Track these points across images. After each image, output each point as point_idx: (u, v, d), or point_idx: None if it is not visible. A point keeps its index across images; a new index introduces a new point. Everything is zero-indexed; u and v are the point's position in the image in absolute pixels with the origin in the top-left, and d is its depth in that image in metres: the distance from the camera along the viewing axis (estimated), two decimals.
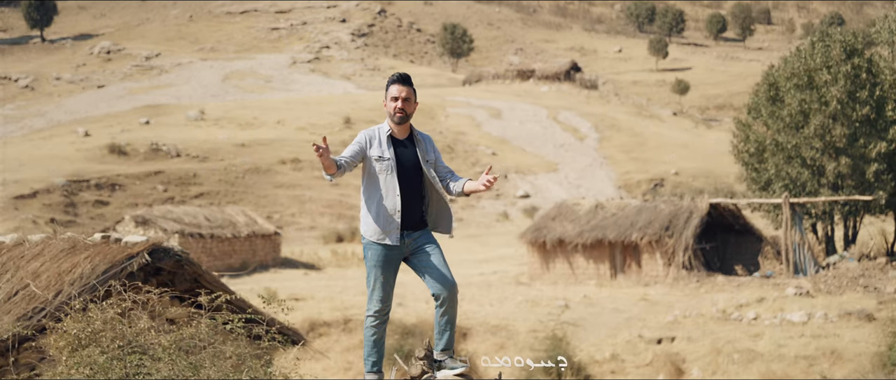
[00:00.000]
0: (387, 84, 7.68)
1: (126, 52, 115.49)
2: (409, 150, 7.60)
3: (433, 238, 7.67)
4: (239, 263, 39.50)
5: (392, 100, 7.61)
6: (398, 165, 7.49)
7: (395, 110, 7.57)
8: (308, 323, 25.44)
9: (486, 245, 47.16)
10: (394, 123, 7.60)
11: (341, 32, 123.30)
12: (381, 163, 7.48)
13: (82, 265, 9.40)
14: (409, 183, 7.52)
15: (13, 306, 8.90)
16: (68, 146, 67.06)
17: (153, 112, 79.36)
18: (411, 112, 7.67)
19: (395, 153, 7.52)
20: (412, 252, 7.58)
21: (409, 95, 7.64)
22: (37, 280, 9.21)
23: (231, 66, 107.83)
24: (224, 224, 40.56)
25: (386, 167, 7.47)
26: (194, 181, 60.39)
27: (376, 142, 7.57)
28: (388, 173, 7.46)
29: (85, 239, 9.82)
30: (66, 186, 57.31)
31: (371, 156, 7.51)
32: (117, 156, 63.65)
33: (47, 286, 9.14)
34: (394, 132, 7.62)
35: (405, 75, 7.67)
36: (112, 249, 9.69)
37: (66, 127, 77.88)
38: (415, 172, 7.56)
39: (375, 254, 7.48)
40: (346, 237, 50.21)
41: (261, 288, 32.08)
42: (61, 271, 9.30)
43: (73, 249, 9.66)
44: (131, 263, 9.67)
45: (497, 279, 35.15)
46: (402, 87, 7.61)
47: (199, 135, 69.22)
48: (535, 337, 24.56)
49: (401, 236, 7.46)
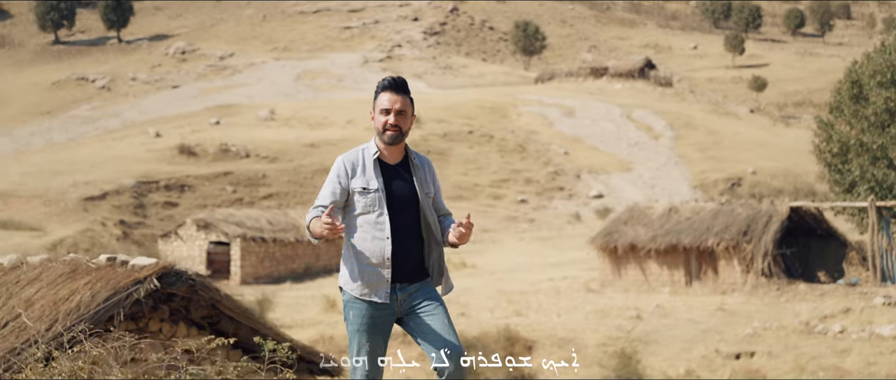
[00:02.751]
0: (375, 91, 5.92)
1: (200, 52, 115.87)
2: (404, 178, 5.84)
3: (435, 293, 5.88)
4: (302, 268, 38.70)
5: (382, 112, 5.82)
6: (388, 198, 5.75)
7: (386, 127, 5.79)
8: None
9: (557, 248, 45.86)
10: (383, 143, 5.83)
11: (413, 31, 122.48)
12: (365, 196, 5.73)
13: (81, 292, 8.38)
14: (402, 222, 5.76)
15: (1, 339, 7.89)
16: (139, 147, 66.93)
17: (224, 112, 79.09)
18: (407, 129, 5.88)
19: (384, 183, 5.77)
20: (407, 312, 5.80)
21: (404, 105, 5.85)
22: (30, 310, 8.21)
23: (303, 65, 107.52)
24: (287, 227, 39.75)
25: (372, 202, 5.72)
26: (263, 182, 59.81)
27: (360, 168, 5.81)
28: (375, 209, 5.72)
29: (88, 262, 8.80)
30: (136, 188, 57.05)
31: (353, 188, 5.76)
32: (187, 157, 63.31)
33: (40, 317, 8.13)
34: (383, 155, 5.85)
35: (399, 80, 5.94)
36: (116, 274, 8.66)
37: (138, 127, 77.95)
38: (410, 207, 5.80)
39: (359, 315, 5.75)
40: None
41: (321, 294, 31.20)
42: (57, 300, 8.29)
43: (73, 273, 8.65)
44: (138, 290, 8.62)
45: (566, 286, 33.86)
46: (396, 96, 5.83)
47: (268, 135, 68.71)
48: (605, 351, 23.28)
49: (392, 292, 5.73)
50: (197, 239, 38.13)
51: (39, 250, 43.99)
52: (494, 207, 59.80)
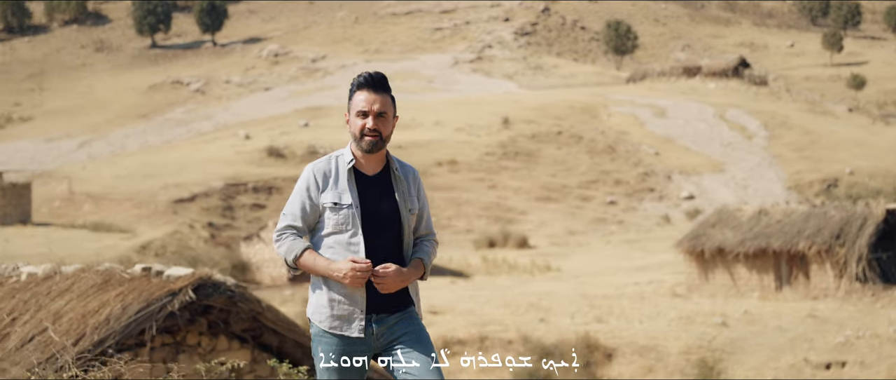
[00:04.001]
0: (350, 90, 5.05)
1: (293, 54, 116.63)
2: (383, 192, 4.98)
3: (418, 325, 5.03)
4: None
5: (358, 115, 4.95)
6: (364, 214, 4.90)
7: (364, 132, 4.93)
8: (441, 340, 23.98)
9: (644, 251, 45.01)
10: (361, 151, 4.97)
11: (504, 31, 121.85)
12: (336, 212, 4.88)
13: (111, 305, 8.06)
14: (380, 243, 4.90)
15: (26, 354, 7.60)
16: (229, 149, 67.45)
17: (313, 114, 79.40)
18: (388, 134, 5.00)
19: (359, 197, 4.91)
20: (385, 347, 4.97)
21: (384, 106, 4.99)
22: (57, 323, 7.91)
23: (394, 66, 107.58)
24: None
25: (345, 219, 4.87)
26: None
27: (332, 179, 4.94)
28: (348, 228, 4.87)
29: (122, 271, 8.48)
30: (224, 190, 57.45)
31: (323, 202, 4.91)
32: (275, 158, 63.63)
33: (68, 331, 7.82)
34: (360, 164, 4.99)
35: (377, 77, 5.02)
36: (150, 285, 8.33)
37: (229, 130, 78.62)
38: (389, 225, 4.95)
39: (329, 350, 4.92)
40: (498, 242, 48.70)
41: None
42: (86, 312, 7.98)
43: (105, 284, 8.34)
44: (172, 302, 8.27)
45: (652, 290, 33.09)
46: (374, 96, 4.97)
47: None
48: (688, 360, 22.56)
49: (367, 324, 4.90)
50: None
51: (128, 252, 44.47)
52: (583, 209, 59.05)
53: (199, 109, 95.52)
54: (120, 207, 55.75)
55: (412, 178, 5.13)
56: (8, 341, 7.68)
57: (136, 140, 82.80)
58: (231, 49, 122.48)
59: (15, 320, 7.92)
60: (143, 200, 56.09)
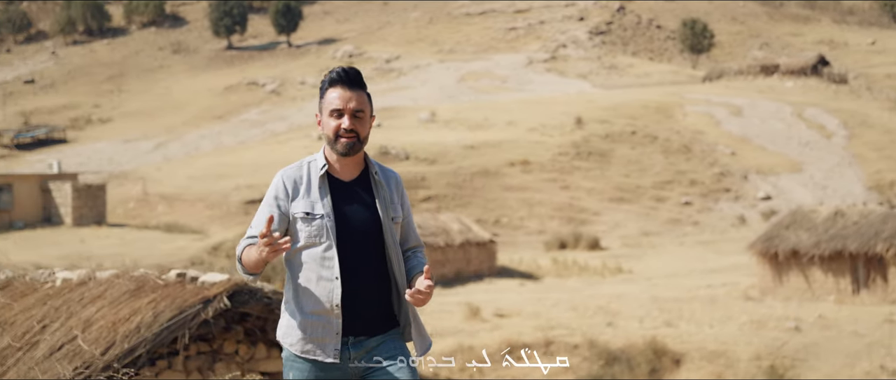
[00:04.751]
0: (321, 88, 4.58)
1: (367, 55, 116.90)
2: (361, 199, 4.51)
3: (402, 350, 4.54)
4: (452, 273, 38.13)
5: (332, 115, 4.47)
6: (340, 225, 4.43)
7: (339, 133, 4.44)
8: (506, 345, 23.59)
9: (718, 253, 44.23)
10: (336, 154, 4.50)
11: (579, 31, 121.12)
12: (309, 224, 4.41)
13: (143, 312, 7.84)
14: (358, 256, 4.44)
15: (54, 364, 7.40)
16: (301, 150, 67.60)
17: (385, 115, 79.44)
18: (366, 134, 4.53)
19: (334, 205, 4.44)
20: (363, 375, 4.49)
21: (360, 104, 4.49)
22: (87, 331, 7.70)
23: (467, 67, 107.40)
24: (437, 232, 39.22)
25: (318, 231, 4.40)
26: (422, 184, 59.60)
27: (303, 186, 4.46)
28: (322, 240, 4.40)
29: (156, 277, 8.27)
30: None
31: (294, 212, 4.44)
32: None
33: (97, 339, 7.61)
34: (334, 169, 4.52)
35: (351, 72, 4.52)
36: (184, 292, 8.10)
37: (302, 130, 78.91)
38: (369, 236, 4.48)
39: (301, 377, 4.48)
40: (569, 243, 48.16)
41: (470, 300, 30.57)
42: (117, 320, 7.76)
43: (138, 291, 8.13)
44: (205, 310, 8.04)
45: (724, 293, 32.41)
46: (349, 93, 4.47)
47: (428, 137, 68.56)
48: (759, 366, 21.95)
49: (343, 348, 4.43)
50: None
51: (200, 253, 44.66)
52: (657, 210, 58.28)
53: (273, 110, 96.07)
54: (193, 207, 56.15)
55: (394, 183, 4.64)
56: (36, 350, 7.50)
57: (211, 141, 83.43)
58: (306, 50, 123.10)
59: (45, 328, 7.74)
60: (215, 201, 56.44)
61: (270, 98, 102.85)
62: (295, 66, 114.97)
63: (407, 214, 4.68)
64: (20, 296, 8.22)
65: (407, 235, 4.69)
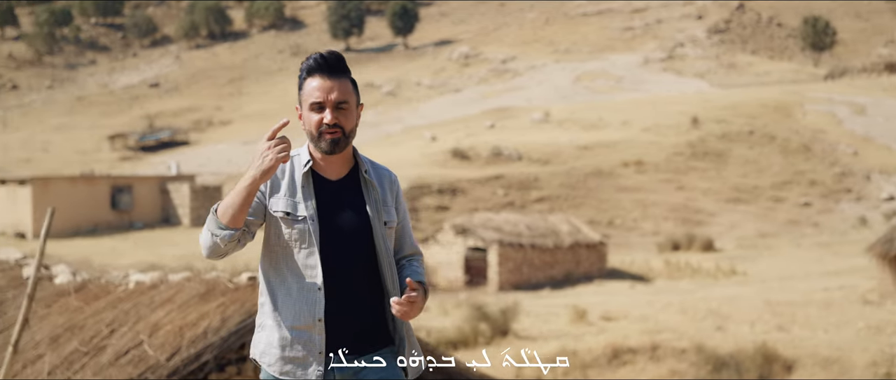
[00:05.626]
0: (300, 77, 4.05)
1: (483, 56, 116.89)
2: (349, 200, 4.01)
3: (396, 371, 4.03)
4: (561, 275, 37.75)
5: (313, 108, 3.96)
6: (324, 229, 3.93)
7: (321, 129, 3.94)
8: (610, 349, 23.18)
9: (837, 255, 42.97)
10: (320, 152, 3.99)
11: (697, 29, 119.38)
12: (291, 226, 3.91)
13: (211, 317, 7.74)
14: (344, 264, 3.94)
15: (119, 369, 7.35)
16: (415, 151, 67.83)
17: (499, 115, 79.25)
18: (352, 128, 4.02)
19: (318, 206, 3.94)
20: None
21: (343, 94, 3.99)
22: (154, 335, 7.63)
23: (583, 67, 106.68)
24: (546, 233, 38.86)
25: (300, 235, 3.90)
26: (535, 185, 59.25)
27: (285, 182, 3.97)
28: (304, 245, 3.90)
29: (227, 281, 8.17)
30: (409, 192, 57.66)
31: (273, 210, 3.94)
32: (460, 160, 63.61)
33: (163, 344, 7.52)
34: (319, 166, 4.02)
35: (331, 58, 4.01)
36: (254, 295, 7.98)
37: (416, 131, 79.17)
38: (357, 242, 3.97)
39: None
40: (683, 245, 47.32)
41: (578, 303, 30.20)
42: (184, 325, 7.67)
43: (207, 294, 8.03)
44: None
45: (841, 297, 31.39)
46: (330, 82, 3.96)
47: (541, 138, 68.16)
48: (875, 373, 21.13)
49: (327, 368, 3.93)
50: (455, 244, 37.83)
51: None
52: (775, 211, 56.99)
53: (389, 112, 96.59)
54: None
55: (389, 183, 4.15)
56: (103, 355, 7.44)
57: None
58: (422, 52, 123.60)
59: (113, 332, 7.69)
60: None
61: (386, 100, 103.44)
62: (411, 68, 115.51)
63: (402, 219, 4.17)
64: (93, 299, 8.21)
65: (402, 241, 4.17)
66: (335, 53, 4.03)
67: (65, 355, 7.42)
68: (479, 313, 26.29)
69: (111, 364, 7.38)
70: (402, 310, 3.83)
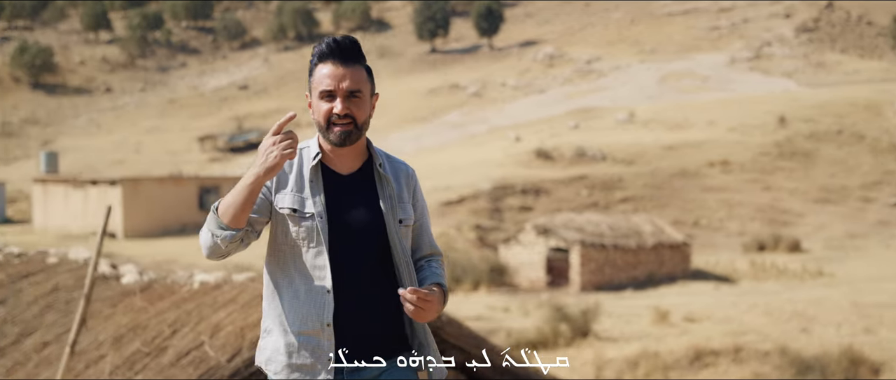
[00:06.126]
0: (310, 64, 3.84)
1: (568, 56, 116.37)
2: (362, 196, 3.75)
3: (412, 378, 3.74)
4: (644, 275, 37.44)
5: (323, 97, 3.71)
6: (334, 226, 3.67)
7: (331, 119, 3.69)
8: (693, 351, 22.93)
9: None
10: (330, 144, 3.73)
11: (784, 28, 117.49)
12: (298, 223, 3.66)
13: None
14: (356, 264, 3.67)
15: (179, 370, 7.40)
16: (499, 152, 67.82)
17: (583, 116, 78.90)
18: (365, 119, 3.75)
19: (327, 202, 3.69)
20: None
21: (356, 83, 3.71)
22: (215, 336, 7.67)
23: (668, 67, 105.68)
24: (629, 233, 38.57)
25: (308, 233, 3.65)
26: (619, 186, 58.90)
27: (293, 176, 3.73)
28: (312, 244, 3.65)
29: None
30: (493, 192, 57.67)
31: (279, 206, 3.70)
32: (543, 160, 63.46)
33: (224, 346, 7.56)
34: (329, 159, 3.77)
35: (344, 43, 3.77)
36: None
37: (500, 132, 79.14)
38: (370, 241, 3.70)
39: None
40: (768, 245, 46.64)
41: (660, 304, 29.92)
42: (246, 325, 7.69)
43: None
44: None
45: None
46: (342, 69, 3.70)
47: (625, 138, 67.72)
48: None
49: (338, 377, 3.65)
50: (536, 244, 37.72)
51: None
52: (863, 211, 55.93)
53: (474, 112, 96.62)
54: None
55: (405, 178, 3.86)
56: (164, 356, 7.51)
57: (413, 143, 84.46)
58: (507, 52, 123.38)
59: (175, 332, 7.75)
60: None
61: (472, 100, 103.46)
62: (496, 69, 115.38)
63: (421, 216, 3.87)
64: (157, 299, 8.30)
65: (420, 241, 3.87)
66: (349, 38, 3.80)
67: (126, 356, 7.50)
68: (559, 313, 26.19)
69: (172, 365, 7.44)
70: (414, 309, 3.54)
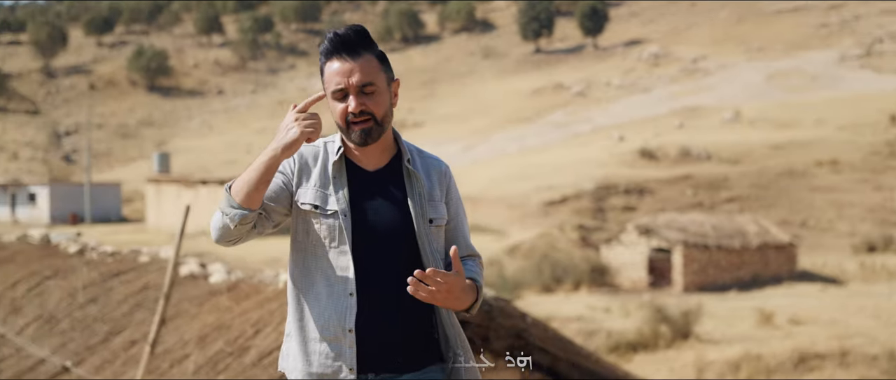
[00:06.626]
0: (320, 59, 3.46)
1: (673, 56, 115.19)
2: (389, 193, 3.46)
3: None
4: (749, 277, 36.82)
5: (336, 96, 3.40)
6: (357, 225, 3.39)
7: (347, 118, 3.39)
8: (797, 354, 22.45)
9: None
10: (352, 144, 3.44)
11: None
12: (320, 220, 3.39)
13: None
14: (381, 267, 3.38)
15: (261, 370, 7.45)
16: (602, 151, 67.40)
17: (687, 115, 78.00)
18: (383, 114, 3.41)
19: (351, 200, 3.41)
20: None
21: (367, 75, 3.37)
22: None
23: (775, 65, 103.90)
24: (733, 234, 37.98)
25: (330, 231, 3.38)
26: (724, 185, 58.07)
27: (317, 171, 3.47)
28: (334, 244, 3.37)
29: None
30: (595, 192, 57.33)
31: (300, 201, 3.43)
32: (647, 160, 62.90)
33: None
34: (354, 154, 3.49)
35: (347, 36, 3.38)
36: None
37: (604, 132, 78.66)
38: (397, 242, 3.41)
39: None
40: (879, 246, 45.55)
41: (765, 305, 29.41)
42: None
43: None
44: None
45: None
46: (350, 64, 3.36)
47: (731, 137, 66.75)
48: None
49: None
50: (638, 245, 37.35)
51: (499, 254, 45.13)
52: None
53: (578, 112, 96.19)
54: (493, 208, 56.88)
55: (438, 175, 3.54)
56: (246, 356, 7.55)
57: (516, 143, 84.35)
58: (611, 52, 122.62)
59: (258, 332, 7.80)
60: (515, 202, 56.99)
61: (576, 100, 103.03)
62: (601, 69, 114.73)
63: (454, 216, 3.56)
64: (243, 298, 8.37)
65: (454, 242, 3.54)
66: (353, 28, 3.41)
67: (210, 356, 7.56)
68: (659, 315, 25.88)
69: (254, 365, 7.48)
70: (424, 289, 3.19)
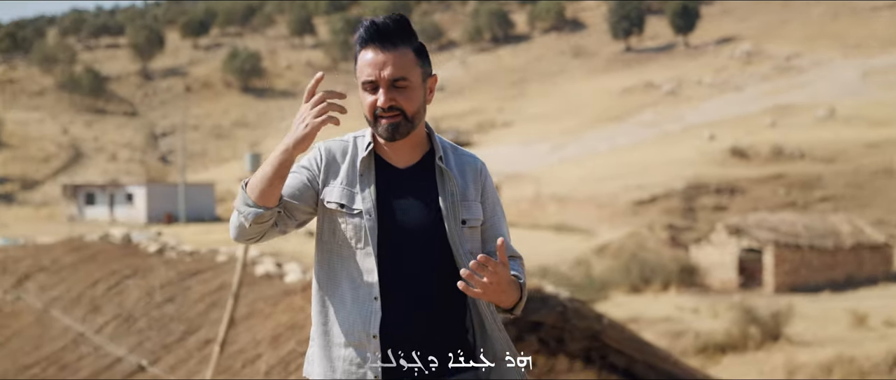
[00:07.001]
0: (354, 47, 3.27)
1: (766, 53, 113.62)
2: (420, 192, 3.27)
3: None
4: (842, 277, 36.12)
5: (365, 87, 3.22)
6: (383, 226, 3.21)
7: (376, 111, 3.20)
8: (892, 357, 21.97)
9: None
10: (381, 138, 3.25)
11: None
12: (346, 220, 3.22)
13: None
14: (409, 269, 3.20)
15: None
16: (692, 150, 66.70)
17: (780, 113, 76.84)
18: (414, 110, 3.22)
19: (378, 198, 3.23)
20: None
21: (401, 69, 3.19)
22: None
23: (871, 62, 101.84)
24: (825, 234, 37.29)
25: (356, 231, 3.21)
26: (818, 184, 57.11)
27: (344, 168, 3.29)
28: (360, 245, 3.20)
29: None
30: (685, 191, 56.76)
31: (326, 202, 3.26)
32: (738, 159, 62.13)
33: None
34: (383, 151, 3.31)
35: (384, 25, 3.18)
36: None
37: (695, 131, 77.81)
38: (427, 243, 3.22)
39: None
40: None
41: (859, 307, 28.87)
42: None
43: None
44: None
45: None
46: (384, 55, 3.17)
47: (825, 135, 65.59)
48: None
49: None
50: (728, 245, 36.86)
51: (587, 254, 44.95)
52: None
53: (668, 111, 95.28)
54: (582, 208, 56.62)
55: (473, 173, 3.35)
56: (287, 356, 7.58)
57: (606, 143, 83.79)
58: (703, 50, 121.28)
59: None
60: (604, 202, 56.65)
61: (667, 99, 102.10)
62: (692, 67, 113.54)
63: (491, 216, 3.36)
64: None
65: (491, 244, 3.33)
66: (392, 17, 3.22)
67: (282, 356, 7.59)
68: (748, 316, 25.51)
69: None
70: (478, 284, 3.01)
